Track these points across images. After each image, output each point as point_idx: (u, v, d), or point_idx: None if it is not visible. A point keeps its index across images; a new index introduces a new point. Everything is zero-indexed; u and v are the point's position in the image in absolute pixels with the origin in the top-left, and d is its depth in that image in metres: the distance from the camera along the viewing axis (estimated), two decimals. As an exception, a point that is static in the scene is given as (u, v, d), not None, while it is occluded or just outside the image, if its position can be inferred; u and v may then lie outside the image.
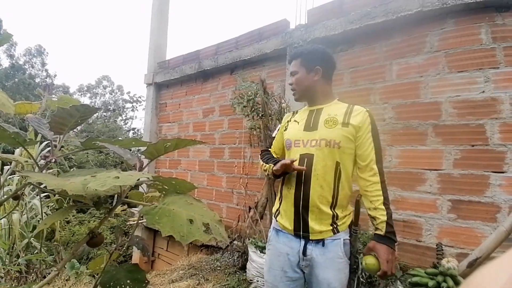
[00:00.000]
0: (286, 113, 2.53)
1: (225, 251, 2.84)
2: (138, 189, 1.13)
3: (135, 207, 3.26)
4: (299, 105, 2.61)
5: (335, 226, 1.10)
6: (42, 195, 2.80)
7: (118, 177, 0.61)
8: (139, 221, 1.63)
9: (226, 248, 2.84)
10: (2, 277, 1.96)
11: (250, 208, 2.62)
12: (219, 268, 2.54)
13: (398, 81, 2.24)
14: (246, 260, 2.41)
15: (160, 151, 0.90)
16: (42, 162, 0.97)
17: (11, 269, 2.12)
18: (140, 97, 20.89)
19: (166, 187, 0.96)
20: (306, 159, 1.12)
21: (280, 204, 1.21)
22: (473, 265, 1.62)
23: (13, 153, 2.70)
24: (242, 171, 3.08)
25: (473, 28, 1.98)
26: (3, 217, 2.37)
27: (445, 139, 2.01)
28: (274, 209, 1.25)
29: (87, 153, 8.10)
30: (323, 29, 2.49)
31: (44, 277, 2.40)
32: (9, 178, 2.71)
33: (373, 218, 1.06)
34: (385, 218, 1.03)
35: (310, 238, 1.09)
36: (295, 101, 1.33)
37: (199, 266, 2.60)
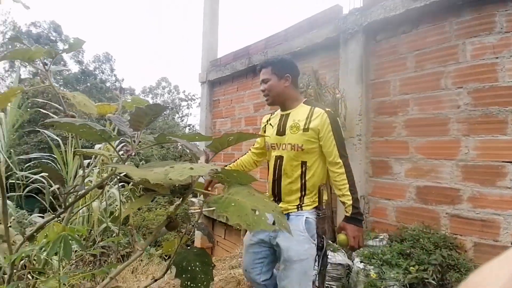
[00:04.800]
0: (340, 104, 2.44)
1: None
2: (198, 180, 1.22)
3: (195, 196, 3.50)
4: (353, 96, 2.49)
5: (299, 205, 1.31)
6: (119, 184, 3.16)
7: (192, 168, 0.67)
8: (202, 210, 1.75)
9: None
10: (74, 264, 2.21)
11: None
12: (274, 259, 2.59)
13: (473, 62, 1.97)
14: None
15: (224, 144, 0.96)
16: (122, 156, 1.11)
17: (86, 254, 2.39)
18: (194, 95, 22.14)
19: (228, 178, 1.03)
20: (279, 160, 1.36)
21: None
22: None
23: (91, 148, 3.07)
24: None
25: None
26: (87, 205, 2.65)
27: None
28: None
29: (152, 148, 8.94)
30: (382, 10, 2.31)
31: (121, 256, 2.72)
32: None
33: (343, 203, 1.25)
34: (351, 202, 1.22)
35: None
36: (268, 105, 1.47)
37: (255, 255, 2.69)
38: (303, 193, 1.32)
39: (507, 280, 0.19)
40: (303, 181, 1.30)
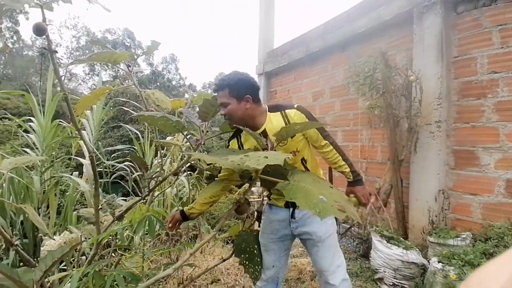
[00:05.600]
0: (414, 87, 2.19)
1: (343, 236, 2.78)
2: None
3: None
4: (431, 76, 2.21)
5: None
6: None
7: (267, 157, 0.69)
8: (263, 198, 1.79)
9: (344, 233, 2.78)
10: (149, 241, 2.49)
11: (370, 194, 2.46)
12: (337, 252, 2.52)
13: None
14: (368, 247, 2.29)
15: (290, 133, 0.96)
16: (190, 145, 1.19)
17: (162, 233, 2.67)
18: (250, 88, 22.63)
19: (287, 167, 1.02)
20: None
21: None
22: None
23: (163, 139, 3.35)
24: (360, 155, 2.89)
25: None
26: (164, 190, 2.95)
27: None
28: (266, 193, 1.48)
29: (212, 139, 9.48)
30: (464, -23, 1.99)
31: (190, 237, 2.98)
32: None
33: (342, 172, 1.34)
34: (349, 169, 1.31)
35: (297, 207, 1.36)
36: (232, 126, 1.32)
37: (316, 246, 2.65)
38: None
39: (507, 279, 0.19)
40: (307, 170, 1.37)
